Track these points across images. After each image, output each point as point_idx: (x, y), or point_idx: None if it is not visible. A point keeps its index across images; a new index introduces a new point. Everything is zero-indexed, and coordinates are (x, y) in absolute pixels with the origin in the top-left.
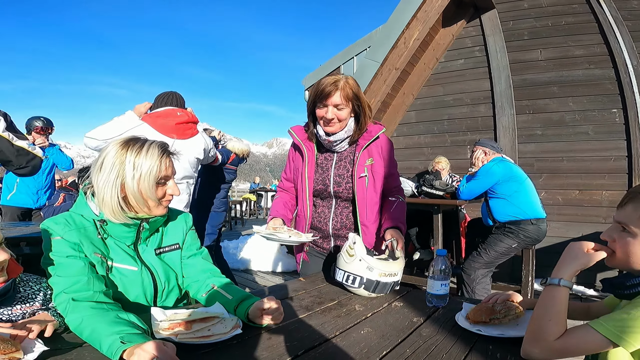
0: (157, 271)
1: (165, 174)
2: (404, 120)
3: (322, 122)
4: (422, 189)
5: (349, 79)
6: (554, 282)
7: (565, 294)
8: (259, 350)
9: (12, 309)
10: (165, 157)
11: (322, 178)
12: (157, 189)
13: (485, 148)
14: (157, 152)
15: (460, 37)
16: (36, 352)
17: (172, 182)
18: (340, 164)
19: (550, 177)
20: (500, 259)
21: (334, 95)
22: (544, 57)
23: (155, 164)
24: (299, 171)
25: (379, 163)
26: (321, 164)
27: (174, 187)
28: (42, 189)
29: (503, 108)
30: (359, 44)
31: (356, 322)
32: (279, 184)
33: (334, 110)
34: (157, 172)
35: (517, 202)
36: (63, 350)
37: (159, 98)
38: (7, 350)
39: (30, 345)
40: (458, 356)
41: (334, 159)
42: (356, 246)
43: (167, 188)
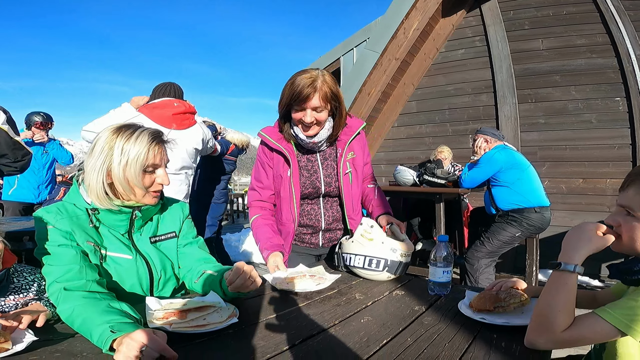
0: (152, 260)
1: (153, 162)
2: (404, 110)
3: (301, 126)
4: (423, 178)
5: (325, 75)
6: (569, 269)
7: (576, 281)
8: (255, 339)
9: (4, 300)
10: (155, 144)
11: (310, 181)
12: (144, 176)
13: (486, 136)
14: (146, 138)
15: (460, 27)
16: (25, 342)
17: (161, 171)
18: (326, 164)
19: (554, 166)
20: (504, 248)
21: (313, 98)
22: (545, 47)
23: (144, 150)
24: (282, 177)
25: (359, 156)
26: (306, 166)
27: (164, 177)
28: (43, 183)
29: (505, 97)
30: (359, 35)
31: (356, 310)
32: (254, 195)
33: (313, 113)
34: (145, 159)
35: (520, 190)
36: (54, 341)
37: (156, 89)
38: None
39: (20, 335)
40: (461, 345)
41: (319, 159)
42: (374, 230)
43: (157, 177)
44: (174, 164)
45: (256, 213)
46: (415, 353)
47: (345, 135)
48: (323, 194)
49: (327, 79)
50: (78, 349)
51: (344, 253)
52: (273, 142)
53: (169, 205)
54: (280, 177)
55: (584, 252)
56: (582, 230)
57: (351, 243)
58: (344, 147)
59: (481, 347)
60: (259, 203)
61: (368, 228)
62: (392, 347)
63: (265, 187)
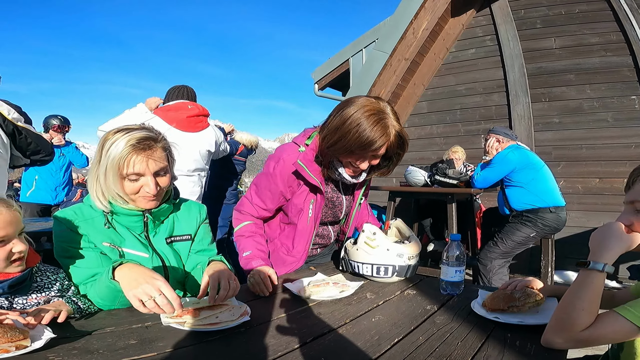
0: (168, 259)
1: (133, 171)
2: (415, 111)
3: (351, 169)
4: (435, 178)
5: (395, 121)
6: (598, 268)
7: (603, 281)
8: (266, 337)
9: (27, 298)
10: (137, 151)
11: (332, 212)
12: (125, 184)
13: (499, 135)
14: (125, 144)
15: (470, 26)
16: (44, 339)
17: (147, 179)
18: (347, 193)
19: (569, 165)
20: (518, 248)
21: (382, 149)
22: (558, 45)
23: (122, 157)
24: (302, 210)
25: (367, 186)
26: (331, 198)
27: (150, 185)
28: (60, 185)
29: (517, 96)
30: (367, 36)
31: (367, 309)
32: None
33: (372, 159)
34: (122, 166)
35: (534, 189)
36: (71, 338)
37: (170, 91)
38: (14, 338)
39: (38, 333)
40: (474, 344)
41: (341, 188)
42: (377, 236)
43: (143, 185)
44: (187, 166)
45: (247, 220)
46: (427, 352)
47: None
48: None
49: (397, 125)
50: (95, 346)
51: (351, 260)
52: (311, 176)
53: (187, 206)
54: (300, 210)
55: (614, 251)
56: (611, 230)
57: (356, 250)
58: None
59: (495, 346)
60: (250, 217)
61: (371, 235)
62: (404, 345)
63: (266, 209)
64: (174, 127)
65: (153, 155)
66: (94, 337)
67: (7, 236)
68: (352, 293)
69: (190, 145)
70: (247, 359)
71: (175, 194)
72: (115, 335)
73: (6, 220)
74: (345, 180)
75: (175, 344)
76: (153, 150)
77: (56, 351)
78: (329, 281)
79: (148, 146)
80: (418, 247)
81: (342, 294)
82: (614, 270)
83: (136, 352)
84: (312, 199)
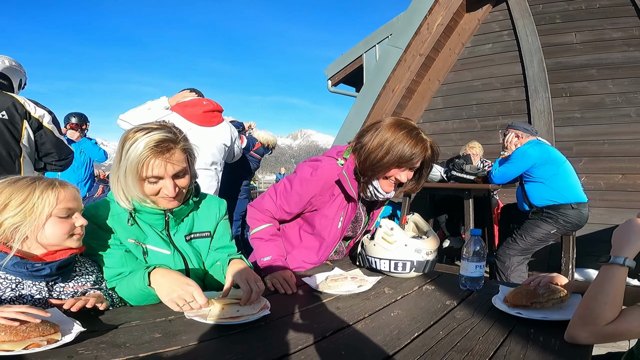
0: (188, 256)
1: (152, 174)
2: (430, 107)
3: (387, 184)
4: (451, 174)
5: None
6: (619, 262)
7: (625, 275)
8: (287, 331)
9: (64, 286)
10: (153, 155)
11: (353, 226)
12: (145, 186)
13: (518, 131)
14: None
15: (486, 21)
16: (74, 333)
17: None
18: (368, 211)
19: (591, 161)
20: (538, 245)
21: (419, 161)
22: (579, 40)
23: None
24: (329, 218)
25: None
26: (356, 215)
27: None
28: (82, 181)
29: (537, 91)
30: (381, 32)
31: (386, 304)
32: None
33: (409, 173)
34: (141, 169)
35: (555, 185)
36: (99, 331)
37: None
38: (46, 332)
39: (68, 326)
40: (496, 339)
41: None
42: (395, 232)
43: (162, 187)
44: (204, 159)
45: (266, 222)
46: (448, 346)
47: None
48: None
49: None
50: (122, 339)
51: (368, 256)
52: (351, 187)
53: (207, 203)
54: (331, 220)
55: (634, 245)
56: (631, 225)
57: (373, 246)
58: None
59: (517, 341)
60: (269, 217)
61: (388, 230)
62: (424, 340)
63: (288, 212)
64: (192, 122)
65: (171, 158)
66: (120, 330)
67: (73, 209)
68: (369, 288)
69: (207, 140)
70: (269, 351)
71: (196, 191)
72: (140, 328)
73: (72, 194)
74: (379, 194)
75: (199, 337)
76: (171, 153)
77: (85, 345)
78: (347, 276)
79: (167, 149)
80: (436, 242)
81: (360, 288)
82: (635, 265)
83: (161, 346)
84: (343, 211)
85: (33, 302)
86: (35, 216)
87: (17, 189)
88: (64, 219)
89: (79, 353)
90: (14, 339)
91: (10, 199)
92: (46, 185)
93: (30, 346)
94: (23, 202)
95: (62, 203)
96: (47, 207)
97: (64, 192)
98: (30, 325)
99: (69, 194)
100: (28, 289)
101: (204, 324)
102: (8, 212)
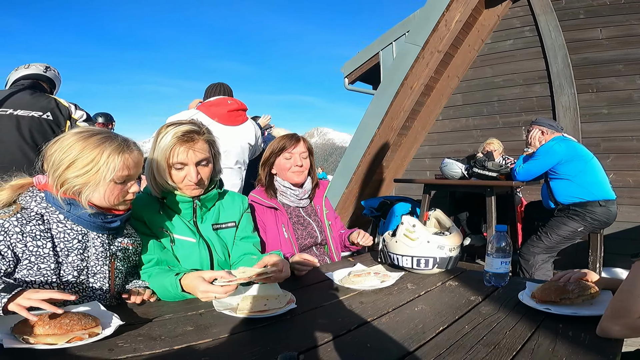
0: (213, 244)
1: (178, 160)
2: (449, 103)
3: (291, 172)
4: (473, 171)
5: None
6: None
7: None
8: (312, 324)
9: (121, 242)
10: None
11: (306, 232)
12: (172, 172)
13: (543, 127)
14: (172, 135)
15: (506, 17)
16: (113, 326)
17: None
18: (312, 217)
19: (619, 158)
20: (564, 243)
21: (299, 145)
22: (605, 36)
23: (169, 147)
24: (276, 232)
25: (330, 213)
26: (298, 220)
27: (192, 174)
28: None
29: (562, 87)
30: (397, 29)
31: (409, 299)
32: None
33: (301, 158)
34: (168, 155)
35: (582, 182)
36: (136, 325)
37: (209, 89)
38: (87, 326)
39: (107, 319)
40: (524, 333)
41: (303, 214)
42: (417, 229)
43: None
44: (228, 158)
45: None
46: (474, 339)
47: (320, 192)
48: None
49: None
50: (157, 332)
51: (390, 253)
52: (264, 201)
53: (230, 196)
54: (275, 233)
55: None
56: None
57: (395, 243)
58: (321, 202)
59: (546, 336)
60: None
61: (410, 227)
62: (449, 333)
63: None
64: (216, 122)
65: (195, 146)
66: (155, 323)
67: (130, 176)
68: (392, 283)
69: (232, 139)
70: (297, 344)
71: (220, 184)
72: (173, 322)
73: (136, 159)
74: (292, 191)
75: (229, 330)
76: (195, 142)
77: (124, 338)
78: (369, 271)
79: (191, 138)
80: (459, 238)
81: (383, 284)
82: None
83: (194, 339)
84: (281, 223)
85: (96, 253)
86: (97, 180)
87: (87, 147)
88: (120, 185)
89: (118, 346)
90: (58, 332)
91: (78, 157)
92: (115, 148)
93: (73, 339)
94: (89, 163)
95: (124, 170)
96: (110, 173)
97: (130, 158)
98: (73, 318)
99: (133, 159)
100: (92, 241)
101: (232, 317)
102: (73, 171)
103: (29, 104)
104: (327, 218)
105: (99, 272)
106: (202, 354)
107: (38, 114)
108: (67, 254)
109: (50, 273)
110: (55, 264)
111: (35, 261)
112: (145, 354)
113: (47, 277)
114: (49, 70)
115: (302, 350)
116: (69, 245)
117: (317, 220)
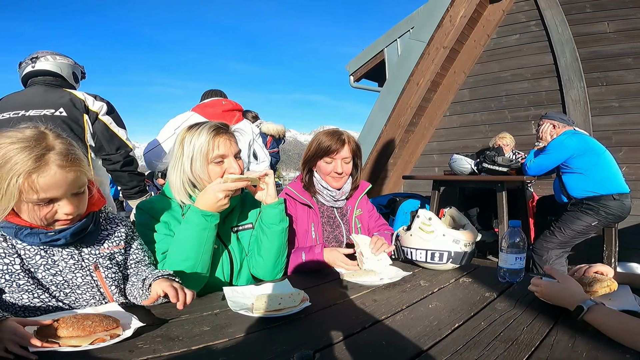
0: (233, 250)
1: (217, 153)
2: (456, 99)
3: (330, 177)
4: (482, 166)
5: (350, 134)
6: None
7: None
8: (327, 322)
9: (99, 248)
10: (216, 135)
11: (334, 235)
12: (211, 168)
13: (554, 121)
14: (207, 131)
15: (511, 12)
16: (132, 327)
17: (230, 161)
18: (343, 218)
19: (632, 151)
20: (578, 238)
21: (343, 149)
22: (612, 29)
23: (205, 142)
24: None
25: (365, 213)
26: (328, 221)
27: (233, 165)
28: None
29: (571, 81)
30: (402, 26)
31: (422, 296)
32: None
33: (343, 164)
34: (207, 150)
35: (595, 176)
36: (154, 325)
37: (204, 95)
38: (109, 327)
39: (127, 321)
40: (542, 329)
41: (336, 214)
42: (433, 222)
43: (227, 167)
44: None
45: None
46: (490, 336)
47: (358, 193)
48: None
49: (352, 137)
50: (175, 333)
51: (404, 247)
52: (300, 197)
53: (249, 198)
54: (306, 231)
55: None
56: None
57: (410, 236)
58: (355, 204)
59: (565, 331)
60: None
61: (426, 220)
62: (465, 330)
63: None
64: None
65: (231, 138)
66: (172, 324)
67: (52, 197)
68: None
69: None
70: (312, 342)
71: None
72: (190, 322)
73: (56, 181)
74: (330, 193)
75: (245, 329)
76: (230, 135)
77: (143, 339)
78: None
79: (225, 131)
80: (474, 235)
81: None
82: None
83: (211, 339)
84: (311, 222)
85: (68, 266)
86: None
87: None
88: (44, 206)
89: (138, 347)
90: (81, 334)
91: None
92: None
93: (96, 341)
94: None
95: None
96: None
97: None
98: (95, 319)
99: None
100: (59, 254)
101: (248, 316)
102: None
103: (41, 102)
104: (360, 220)
105: (82, 284)
106: (220, 354)
107: (50, 111)
108: (36, 270)
109: (34, 288)
110: (33, 280)
111: (10, 279)
112: (164, 355)
113: (33, 292)
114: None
115: (318, 348)
116: (32, 262)
117: (347, 221)
